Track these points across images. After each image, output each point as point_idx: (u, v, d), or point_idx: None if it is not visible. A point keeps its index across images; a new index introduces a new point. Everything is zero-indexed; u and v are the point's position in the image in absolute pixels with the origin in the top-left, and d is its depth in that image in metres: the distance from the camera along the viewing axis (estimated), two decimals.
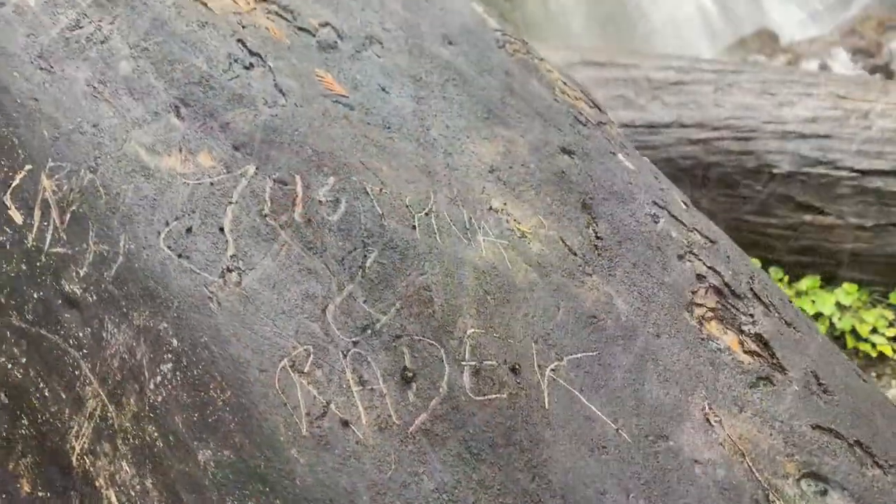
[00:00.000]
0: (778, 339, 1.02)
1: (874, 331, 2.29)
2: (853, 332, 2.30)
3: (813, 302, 2.33)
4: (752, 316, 1.04)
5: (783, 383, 0.98)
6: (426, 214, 0.97)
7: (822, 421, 0.95)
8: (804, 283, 2.37)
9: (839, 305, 2.33)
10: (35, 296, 0.86)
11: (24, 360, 0.87)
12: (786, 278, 2.38)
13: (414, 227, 0.94)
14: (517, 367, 0.87)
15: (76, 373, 0.84)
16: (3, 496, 0.89)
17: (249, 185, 0.90)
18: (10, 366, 0.88)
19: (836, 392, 1.00)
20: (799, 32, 4.21)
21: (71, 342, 0.84)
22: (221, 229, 0.86)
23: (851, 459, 0.93)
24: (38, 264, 0.86)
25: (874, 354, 2.26)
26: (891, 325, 2.31)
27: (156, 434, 0.79)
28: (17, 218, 0.88)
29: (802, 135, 2.30)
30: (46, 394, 0.85)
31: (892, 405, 1.04)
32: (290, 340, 0.81)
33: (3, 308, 0.88)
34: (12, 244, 0.88)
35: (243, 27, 1.06)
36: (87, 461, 0.83)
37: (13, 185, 0.89)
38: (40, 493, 0.86)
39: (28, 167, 0.89)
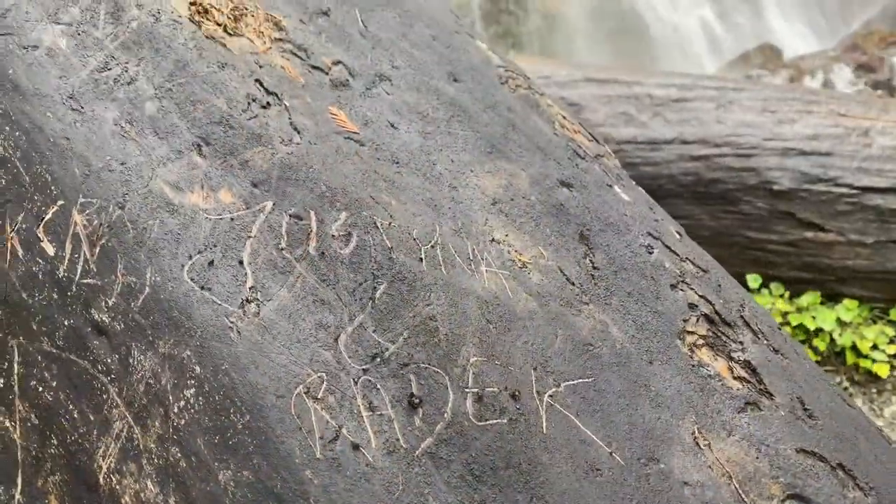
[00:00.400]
0: (766, 366, 1.07)
1: (875, 347, 2.32)
2: (854, 348, 2.32)
3: (814, 318, 2.35)
4: (741, 343, 1.09)
5: (770, 408, 1.03)
6: (432, 247, 1.02)
7: (806, 445, 1.00)
8: (805, 299, 2.40)
9: (840, 321, 2.36)
10: (66, 323, 0.92)
11: (54, 383, 0.92)
12: (787, 294, 2.41)
13: (421, 260, 1.00)
14: (517, 393, 0.93)
15: (104, 396, 0.89)
16: None
17: (267, 221, 0.96)
18: (40, 388, 0.93)
19: (821, 417, 1.04)
20: (802, 47, 4.25)
21: (99, 367, 0.90)
22: (241, 262, 0.92)
23: (834, 482, 0.97)
24: (69, 294, 0.92)
25: (874, 370, 2.29)
26: (891, 341, 2.33)
27: (179, 455, 0.84)
28: (50, 250, 0.94)
29: (803, 152, 2.33)
30: (75, 415, 0.90)
31: (875, 429, 1.09)
32: (305, 368, 0.87)
33: (35, 334, 0.94)
34: (44, 274, 0.94)
35: (260, 67, 1.12)
36: (114, 480, 0.87)
37: (46, 218, 0.95)
38: None
39: (60, 202, 0.95)
